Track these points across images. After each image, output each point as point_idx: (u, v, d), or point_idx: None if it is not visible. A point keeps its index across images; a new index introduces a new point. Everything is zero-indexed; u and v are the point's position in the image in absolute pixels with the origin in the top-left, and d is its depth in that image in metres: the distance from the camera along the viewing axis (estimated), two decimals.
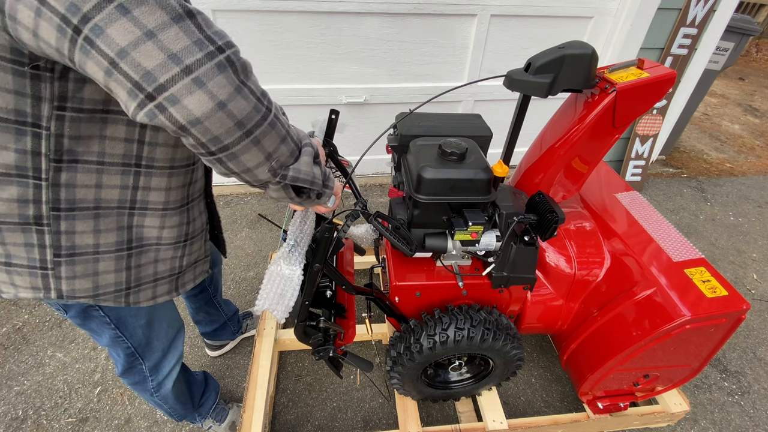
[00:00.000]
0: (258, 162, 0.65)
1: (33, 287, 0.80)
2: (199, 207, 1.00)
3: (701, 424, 1.78)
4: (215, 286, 1.62)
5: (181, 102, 0.53)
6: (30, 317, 2.01)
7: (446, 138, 1.24)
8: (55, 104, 0.65)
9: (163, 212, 0.86)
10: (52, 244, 0.76)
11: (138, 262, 0.88)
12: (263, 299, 0.93)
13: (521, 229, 1.28)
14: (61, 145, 0.69)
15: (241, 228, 2.61)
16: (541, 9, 2.51)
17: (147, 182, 0.81)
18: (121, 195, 0.79)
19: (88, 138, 0.70)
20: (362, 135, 2.84)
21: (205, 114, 0.55)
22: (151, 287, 0.94)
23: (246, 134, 0.60)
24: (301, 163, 0.72)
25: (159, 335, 1.14)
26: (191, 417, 1.52)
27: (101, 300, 0.86)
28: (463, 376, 1.60)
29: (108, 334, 1.02)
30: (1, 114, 0.63)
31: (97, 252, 0.80)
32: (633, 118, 1.25)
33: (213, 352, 1.89)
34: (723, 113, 4.86)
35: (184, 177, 0.88)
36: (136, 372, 1.17)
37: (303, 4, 2.22)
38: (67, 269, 0.79)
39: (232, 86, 0.56)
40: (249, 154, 0.63)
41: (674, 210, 3.13)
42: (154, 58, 0.51)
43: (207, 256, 1.09)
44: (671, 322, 1.20)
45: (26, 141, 0.66)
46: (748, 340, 2.16)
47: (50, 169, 0.70)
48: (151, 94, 0.53)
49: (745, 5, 7.07)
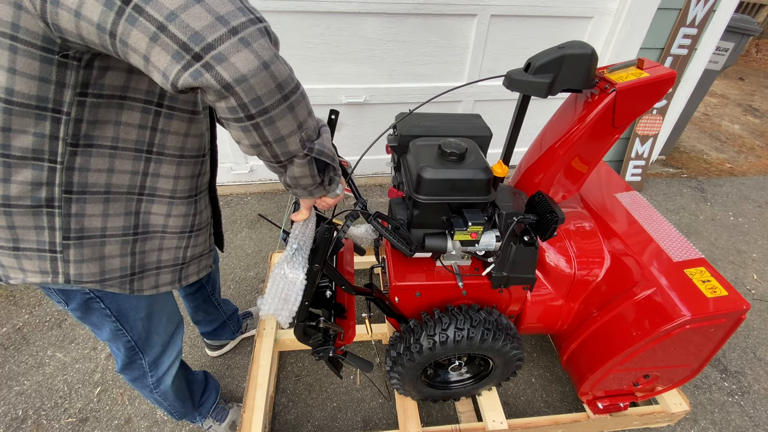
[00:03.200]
0: (291, 130, 0.67)
1: (41, 271, 0.81)
2: (205, 200, 1.01)
3: (701, 424, 1.78)
4: (213, 283, 1.61)
5: (229, 59, 0.55)
6: (30, 317, 2.01)
7: (446, 138, 1.24)
8: (77, 90, 0.68)
9: (170, 200, 0.88)
10: (61, 226, 0.77)
11: (143, 248, 0.89)
12: (268, 303, 0.93)
13: (521, 229, 1.28)
14: (79, 130, 0.71)
15: (241, 228, 2.61)
16: (541, 9, 2.51)
17: (157, 169, 0.83)
18: (131, 180, 0.81)
19: (104, 123, 0.73)
20: (362, 135, 2.84)
21: (251, 71, 0.57)
22: (154, 275, 0.95)
23: (284, 98, 0.62)
24: (323, 139, 0.75)
25: (158, 329, 1.14)
26: (191, 416, 1.52)
27: (107, 285, 0.87)
28: (463, 376, 1.60)
29: (108, 327, 1.02)
30: (23, 99, 0.65)
31: (104, 235, 0.82)
32: (633, 118, 1.25)
33: (213, 352, 1.89)
34: (723, 113, 4.86)
35: (193, 168, 0.90)
36: (135, 367, 1.18)
37: (303, 4, 2.22)
38: (75, 252, 0.80)
39: (272, 51, 0.59)
40: (284, 120, 0.65)
41: (674, 210, 3.13)
42: (203, 20, 0.53)
43: (211, 251, 1.10)
44: (671, 322, 1.20)
45: (45, 125, 0.68)
46: (748, 340, 2.16)
47: (66, 152, 0.72)
48: (198, 53, 0.54)
49: (745, 5, 7.07)
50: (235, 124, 0.63)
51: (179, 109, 0.82)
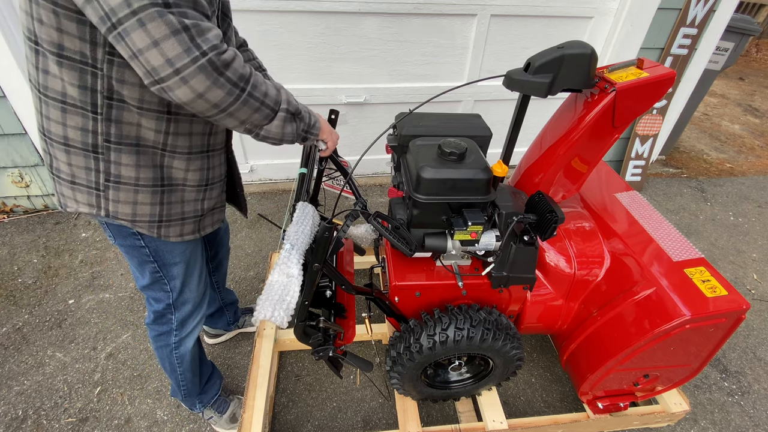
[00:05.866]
0: (235, 125, 0.89)
1: (89, 204, 0.98)
2: (220, 158, 1.14)
3: (701, 424, 1.78)
4: (217, 265, 1.62)
5: (174, 92, 0.76)
6: (30, 317, 2.01)
7: (446, 138, 1.24)
8: (107, 50, 0.81)
9: (188, 155, 1.02)
10: (104, 170, 0.94)
11: (169, 199, 1.04)
12: (260, 310, 0.94)
13: (521, 228, 1.28)
14: (112, 86, 0.85)
15: (241, 228, 2.61)
16: (541, 9, 2.51)
17: (175, 128, 0.97)
18: (155, 137, 0.95)
19: (131, 84, 0.86)
20: (362, 135, 2.84)
21: (190, 100, 0.78)
22: (179, 225, 1.09)
23: (221, 111, 0.83)
24: (272, 125, 0.94)
25: (191, 285, 1.26)
26: (193, 400, 1.54)
27: (138, 225, 1.02)
28: (462, 376, 1.60)
29: (149, 270, 1.16)
30: (70, 54, 0.80)
31: (137, 185, 0.98)
32: (632, 117, 1.26)
33: (210, 339, 1.93)
34: (723, 113, 4.86)
35: (204, 126, 1.03)
36: (165, 322, 1.30)
37: (303, 4, 2.23)
38: (113, 193, 0.97)
39: (209, 80, 0.77)
40: (227, 121, 0.86)
41: (674, 210, 3.13)
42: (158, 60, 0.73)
43: (223, 206, 1.24)
44: (671, 322, 1.20)
45: (87, 78, 0.83)
46: (748, 340, 2.16)
47: (104, 105, 0.87)
48: (156, 81, 0.75)
49: (745, 5, 7.07)
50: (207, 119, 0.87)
51: None
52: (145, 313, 2.04)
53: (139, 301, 2.11)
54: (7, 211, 2.59)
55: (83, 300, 2.11)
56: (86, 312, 2.05)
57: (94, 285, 2.19)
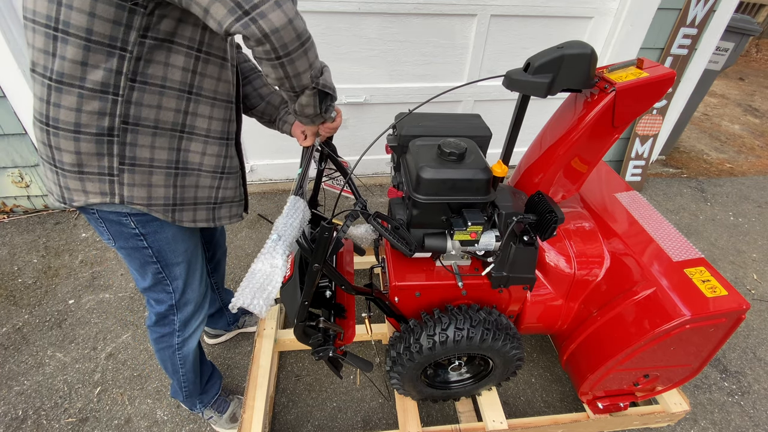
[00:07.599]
0: (305, 68, 0.89)
1: (101, 192, 0.96)
2: (234, 149, 1.15)
3: (701, 424, 1.78)
4: (215, 265, 1.63)
5: (268, 16, 0.77)
6: (30, 317, 2.01)
7: (445, 138, 1.24)
8: (140, 33, 0.85)
9: (205, 139, 1.04)
10: (118, 153, 0.93)
11: (183, 182, 1.04)
12: (239, 297, 0.91)
13: (520, 229, 1.28)
14: (138, 67, 0.88)
15: (241, 228, 2.61)
16: (541, 9, 2.51)
17: (195, 108, 0.99)
18: (174, 118, 0.97)
19: (157, 63, 0.90)
20: (362, 135, 2.84)
21: (282, 25, 0.79)
22: (192, 210, 1.09)
23: (301, 45, 0.85)
24: (326, 75, 0.97)
25: (193, 284, 1.26)
26: (194, 400, 1.54)
27: (153, 210, 1.02)
28: (462, 376, 1.60)
29: (151, 271, 1.16)
30: (99, 38, 0.82)
31: (152, 166, 0.98)
32: (632, 117, 1.26)
33: (210, 339, 1.93)
34: (723, 113, 4.86)
35: (224, 111, 1.06)
36: (167, 323, 1.30)
37: (302, 4, 2.22)
38: (128, 177, 0.96)
39: (294, 11, 0.81)
40: (301, 61, 0.87)
41: (674, 210, 3.13)
42: None
43: (241, 201, 1.24)
44: (671, 322, 1.20)
45: (113, 61, 0.85)
46: (748, 340, 2.16)
47: (126, 87, 0.88)
48: (247, 10, 0.76)
49: (745, 5, 7.07)
50: (267, 63, 0.85)
51: (214, 54, 0.99)
52: (145, 314, 2.05)
53: (139, 302, 2.12)
54: (7, 211, 2.59)
55: (83, 300, 2.11)
56: (86, 312, 2.05)
57: (94, 285, 2.19)
